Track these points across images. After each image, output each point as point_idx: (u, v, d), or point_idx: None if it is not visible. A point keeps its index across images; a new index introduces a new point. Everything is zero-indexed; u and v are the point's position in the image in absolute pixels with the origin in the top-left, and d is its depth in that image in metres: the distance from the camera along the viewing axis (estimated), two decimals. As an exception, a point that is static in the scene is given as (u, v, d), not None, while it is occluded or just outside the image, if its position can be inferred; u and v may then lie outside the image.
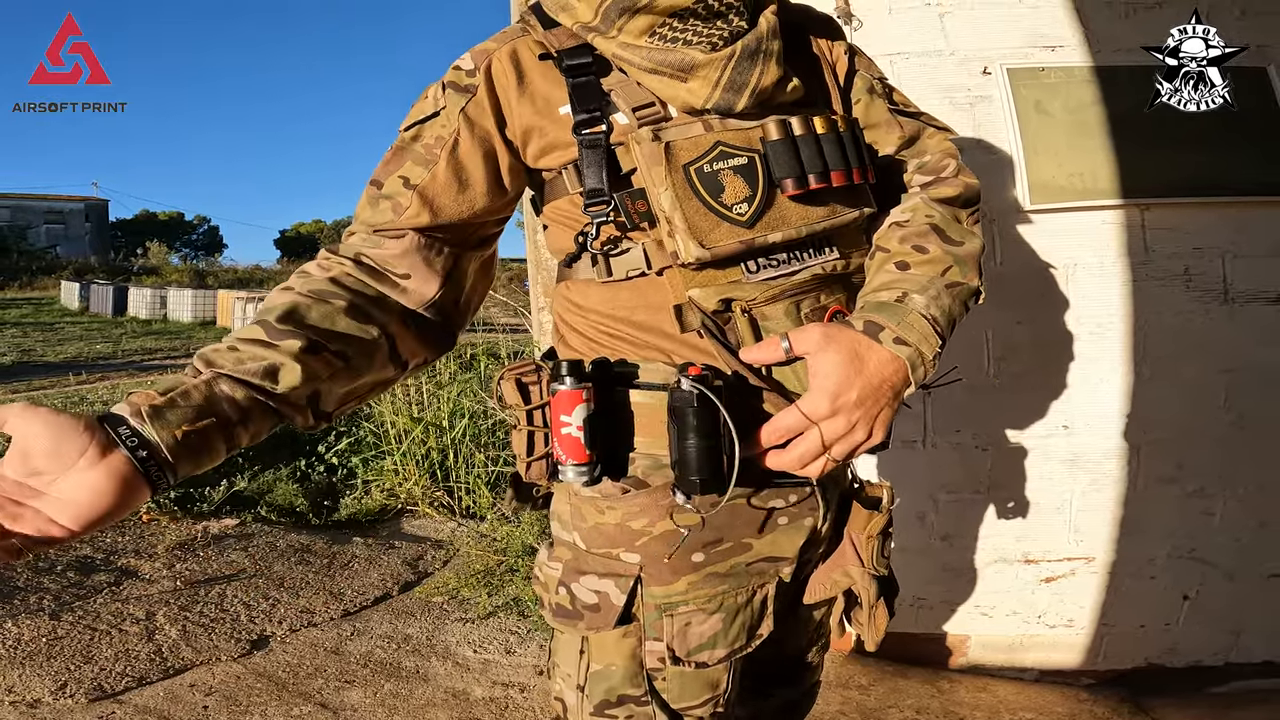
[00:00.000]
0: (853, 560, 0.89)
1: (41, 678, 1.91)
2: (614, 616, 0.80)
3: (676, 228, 0.73)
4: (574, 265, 0.83)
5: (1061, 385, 1.89)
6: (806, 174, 0.76)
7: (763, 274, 0.77)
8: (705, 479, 0.70)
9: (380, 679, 2.02)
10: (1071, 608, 1.95)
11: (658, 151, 0.74)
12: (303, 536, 3.08)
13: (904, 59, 1.87)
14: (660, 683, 0.82)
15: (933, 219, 0.84)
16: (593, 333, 0.83)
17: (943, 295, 0.78)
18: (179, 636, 2.19)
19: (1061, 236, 1.85)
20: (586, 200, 0.77)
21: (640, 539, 0.80)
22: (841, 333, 0.73)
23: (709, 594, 0.80)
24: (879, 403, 0.73)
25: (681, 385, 0.70)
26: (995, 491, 1.94)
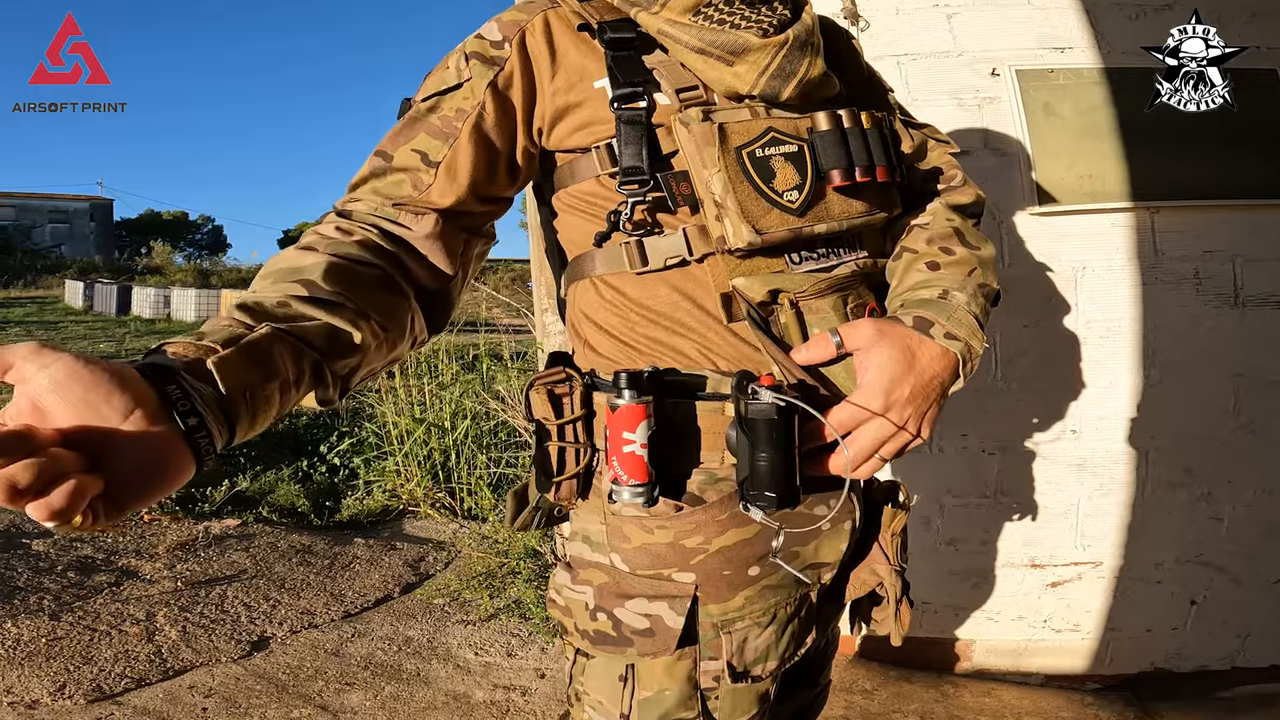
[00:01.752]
0: (879, 558, 0.88)
1: (40, 678, 1.90)
2: (673, 640, 0.76)
3: (728, 210, 0.70)
4: (601, 250, 0.78)
5: (1069, 389, 1.88)
6: (854, 166, 0.75)
7: (805, 266, 0.76)
8: (782, 494, 0.68)
9: (381, 681, 2.00)
10: (1078, 612, 1.93)
11: (710, 132, 0.71)
12: (304, 537, 3.07)
13: (911, 60, 1.86)
14: (713, 701, 0.79)
15: (953, 222, 0.85)
16: (630, 335, 0.78)
17: (977, 294, 0.77)
18: (179, 637, 2.18)
19: (1070, 239, 1.84)
20: (622, 178, 0.73)
21: (696, 557, 0.76)
22: (893, 328, 0.72)
23: (764, 607, 0.78)
24: (928, 399, 0.71)
25: (761, 396, 0.67)
26: (1002, 496, 1.93)
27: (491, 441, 3.61)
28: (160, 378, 0.51)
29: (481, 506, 3.30)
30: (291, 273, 0.67)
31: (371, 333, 0.69)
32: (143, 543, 2.95)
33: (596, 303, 0.81)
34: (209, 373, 0.54)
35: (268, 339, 0.59)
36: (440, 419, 3.56)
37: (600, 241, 0.78)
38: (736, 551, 0.77)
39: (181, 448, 0.51)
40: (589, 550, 0.81)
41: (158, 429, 0.49)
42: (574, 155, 0.78)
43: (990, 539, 1.95)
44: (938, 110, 1.83)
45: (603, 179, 0.77)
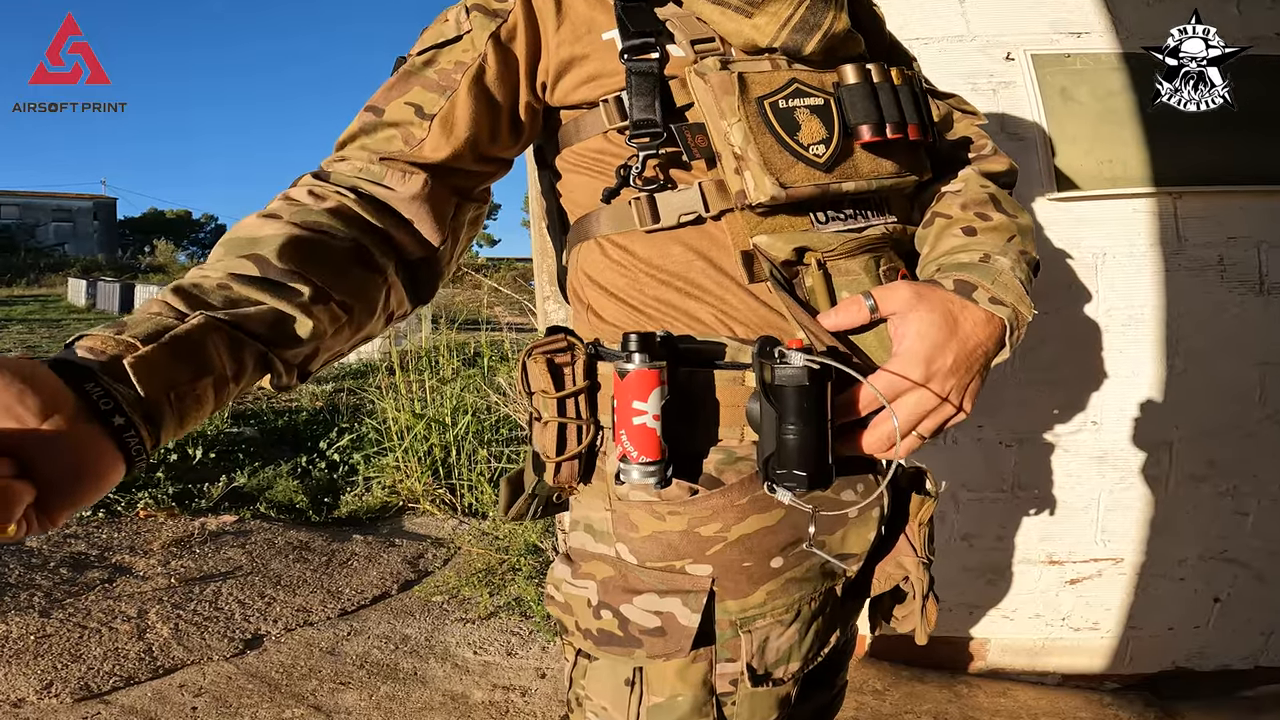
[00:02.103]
0: (905, 550, 0.81)
1: (27, 677, 1.85)
2: (687, 640, 0.68)
3: (749, 162, 0.65)
4: (597, 211, 0.73)
5: (1090, 379, 1.82)
6: (884, 122, 0.69)
7: (832, 226, 0.70)
8: (813, 472, 0.60)
9: (376, 681, 1.95)
10: (1097, 610, 1.87)
11: (729, 81, 0.66)
12: (302, 533, 3.01)
13: (923, 44, 1.81)
14: (730, 707, 0.72)
15: (988, 189, 0.79)
16: (640, 299, 0.72)
17: (1020, 260, 0.72)
18: (170, 635, 2.12)
19: (1090, 225, 1.79)
20: (633, 131, 0.68)
21: (712, 547, 0.69)
22: (933, 291, 0.66)
23: (787, 602, 0.71)
24: (972, 370, 0.65)
25: (791, 359, 0.59)
26: (1019, 490, 1.87)
27: (493, 437, 3.56)
28: (77, 376, 0.47)
29: (482, 502, 3.25)
30: (247, 244, 0.61)
31: (330, 317, 0.63)
32: (137, 539, 2.90)
33: (602, 264, 0.74)
34: (125, 373, 0.49)
35: (200, 330, 0.53)
36: (441, 414, 3.51)
37: (609, 198, 0.72)
38: (758, 540, 0.70)
39: (110, 448, 0.47)
40: (592, 541, 0.74)
41: (81, 430, 0.45)
42: (580, 111, 0.73)
43: (1007, 534, 1.89)
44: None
45: (611, 135, 0.71)
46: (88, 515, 3.11)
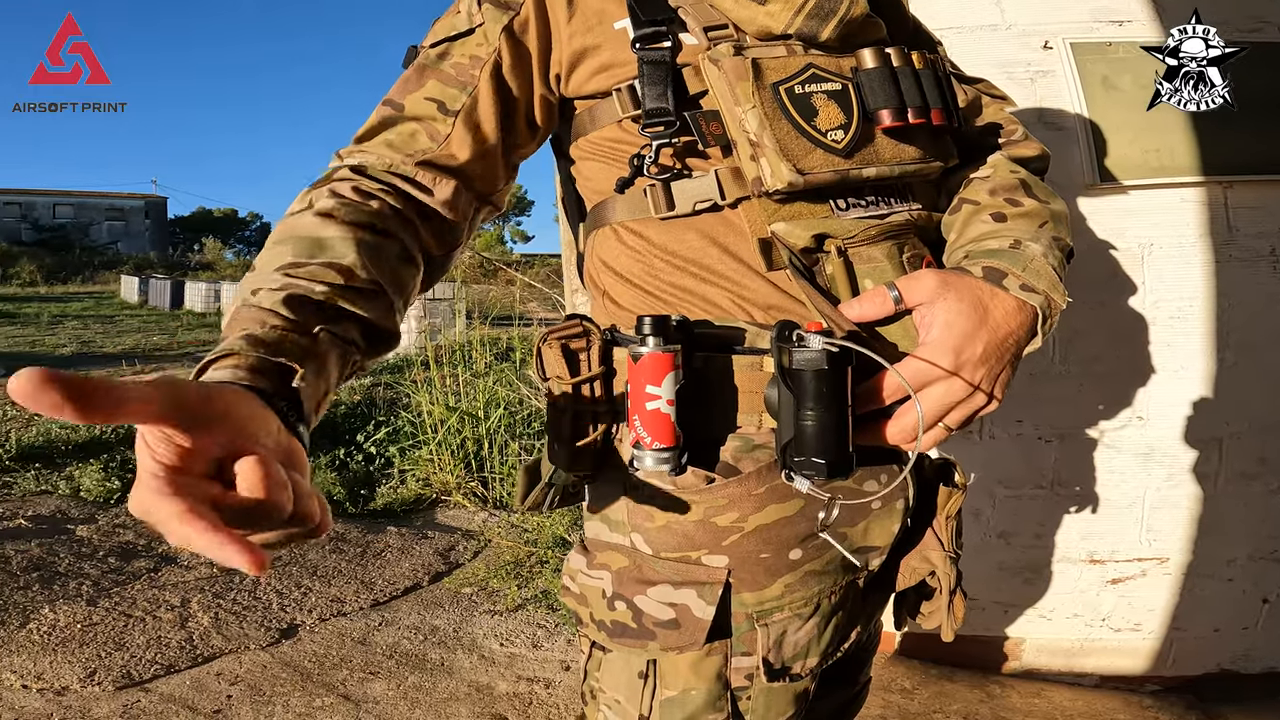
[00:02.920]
0: (932, 544, 0.79)
1: (72, 665, 1.91)
2: (702, 632, 0.67)
3: (765, 149, 0.64)
4: (612, 198, 0.72)
5: (1136, 373, 1.76)
6: (906, 106, 0.67)
7: (853, 213, 0.68)
8: (833, 460, 0.58)
9: (405, 671, 1.97)
10: (1140, 611, 1.81)
11: (743, 66, 0.65)
12: (338, 525, 3.07)
13: (956, 33, 1.77)
14: (745, 702, 0.70)
15: (1018, 174, 0.76)
16: (654, 284, 0.71)
17: (1053, 247, 0.68)
18: (210, 624, 2.18)
19: (1136, 215, 1.73)
20: (646, 120, 0.67)
21: (729, 537, 0.68)
22: (960, 279, 0.63)
23: (805, 596, 0.70)
24: (1003, 360, 0.63)
25: (809, 342, 0.57)
26: (1059, 487, 1.82)
27: (524, 430, 3.58)
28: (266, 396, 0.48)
29: (513, 495, 3.27)
30: (316, 248, 0.61)
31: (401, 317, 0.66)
32: (183, 529, 2.98)
33: (617, 250, 0.74)
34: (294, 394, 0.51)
35: (327, 346, 0.56)
36: (474, 408, 3.54)
37: (622, 188, 0.71)
38: (776, 531, 0.68)
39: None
40: (607, 530, 0.74)
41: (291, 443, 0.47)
42: (594, 101, 0.73)
43: (1045, 532, 1.84)
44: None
45: (624, 123, 0.71)
46: (136, 505, 3.21)
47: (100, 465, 3.64)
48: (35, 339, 11.07)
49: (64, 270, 27.12)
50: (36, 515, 3.07)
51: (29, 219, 35.88)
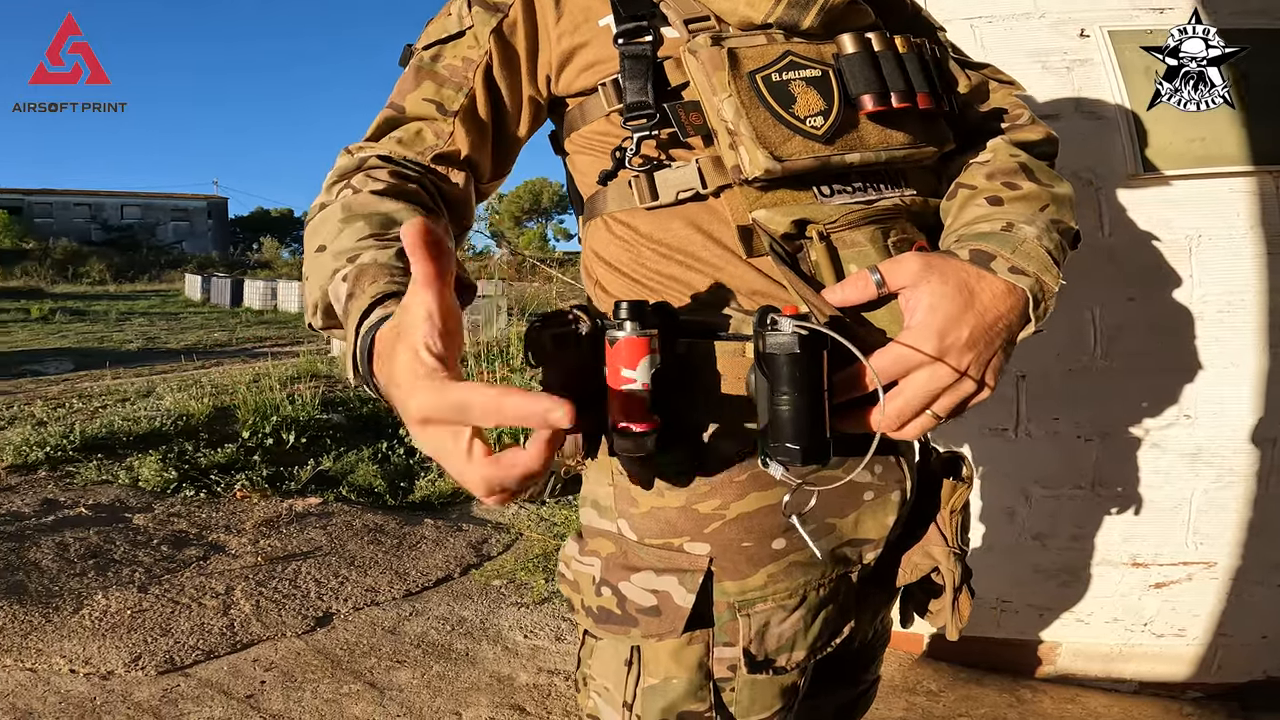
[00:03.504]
0: (935, 540, 0.78)
1: (119, 650, 2.00)
2: (681, 620, 0.67)
3: (742, 137, 0.63)
4: (604, 189, 0.73)
5: (1183, 369, 1.69)
6: (889, 91, 0.66)
7: (838, 199, 0.67)
8: (807, 446, 0.57)
9: (430, 660, 2.01)
10: (1184, 616, 1.74)
11: (719, 56, 0.65)
12: (378, 516, 3.14)
13: (987, 22, 1.72)
14: (728, 694, 0.70)
15: (1019, 158, 0.74)
16: (642, 273, 0.72)
17: (1051, 229, 0.66)
18: (251, 611, 2.25)
19: (1181, 206, 1.66)
20: (627, 114, 0.68)
21: (710, 524, 0.68)
22: (946, 261, 0.62)
23: (790, 587, 0.69)
24: (993, 345, 0.61)
25: (780, 326, 0.57)
26: (1100, 488, 1.75)
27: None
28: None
29: (546, 489, 3.30)
30: (388, 220, 0.64)
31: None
32: (233, 518, 3.09)
33: (607, 240, 0.75)
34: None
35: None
36: (510, 402, 3.58)
37: (605, 180, 0.72)
38: (758, 520, 0.68)
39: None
40: (597, 517, 0.74)
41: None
42: (583, 97, 0.74)
43: (1084, 534, 1.77)
44: (1021, 74, 1.65)
45: (612, 117, 0.71)
46: (191, 495, 3.34)
47: (159, 456, 3.79)
48: (104, 335, 11.58)
49: (132, 269, 28.29)
50: (96, 504, 3.21)
51: (98, 219, 37.56)
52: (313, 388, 5.11)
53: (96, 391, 6.05)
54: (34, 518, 3.00)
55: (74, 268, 27.08)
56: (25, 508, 3.11)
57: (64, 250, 29.16)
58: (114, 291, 23.11)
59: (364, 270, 0.58)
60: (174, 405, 4.91)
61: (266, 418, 4.24)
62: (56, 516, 3.03)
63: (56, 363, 8.75)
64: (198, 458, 3.82)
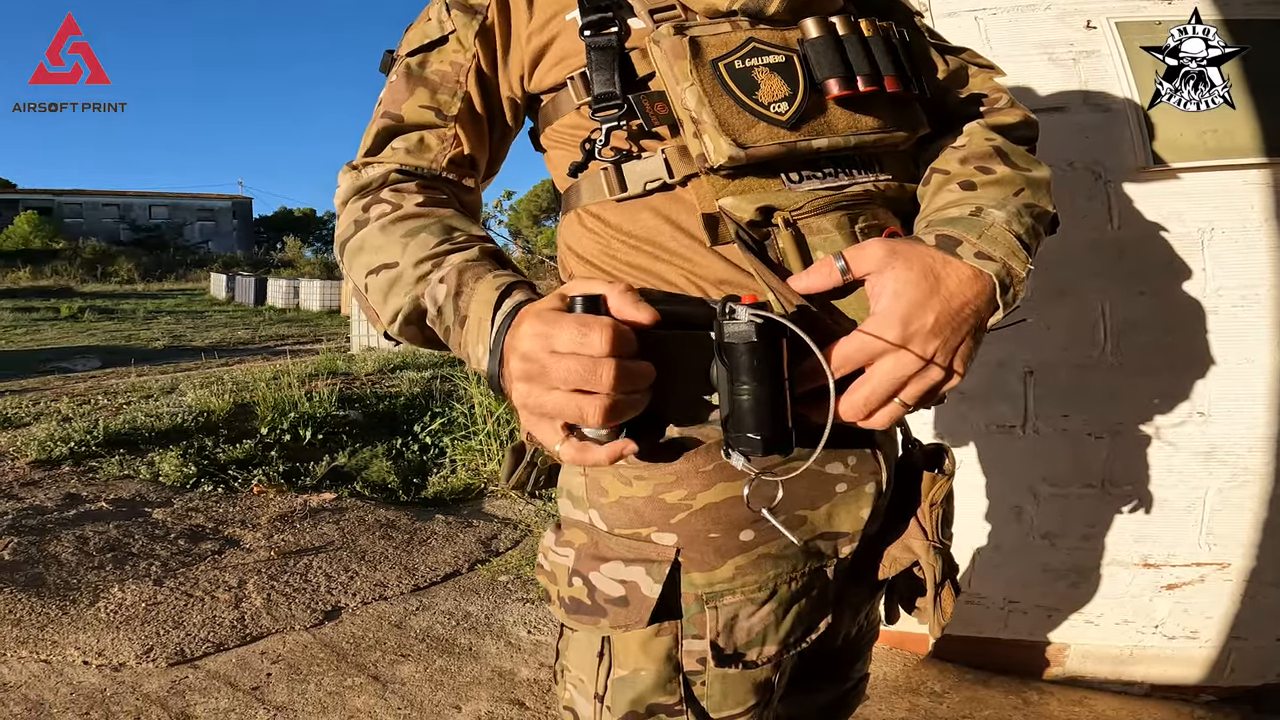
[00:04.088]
0: (914, 533, 0.77)
1: (131, 642, 2.03)
2: (647, 611, 0.67)
3: (705, 125, 0.63)
4: (578, 182, 0.73)
5: (1196, 365, 1.65)
6: (854, 74, 0.66)
7: (807, 185, 0.67)
8: (768, 436, 0.56)
9: (434, 654, 2.02)
10: (1196, 618, 1.70)
11: (681, 45, 0.65)
12: (390, 512, 3.17)
13: (990, 15, 1.70)
14: (699, 687, 0.70)
15: (994, 142, 0.73)
16: (612, 264, 0.72)
17: (1023, 213, 0.65)
18: (262, 605, 2.28)
19: (1193, 199, 1.63)
20: (595, 105, 0.68)
21: (677, 515, 0.68)
22: (911, 247, 0.61)
23: (759, 580, 0.68)
24: (960, 331, 0.60)
25: (738, 315, 0.56)
26: (1111, 486, 1.72)
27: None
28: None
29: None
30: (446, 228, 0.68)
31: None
32: (248, 513, 3.13)
33: (580, 233, 0.75)
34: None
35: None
36: (522, 399, 3.60)
37: (575, 172, 0.73)
38: (725, 510, 0.67)
39: None
40: (571, 507, 0.74)
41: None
42: (555, 92, 0.74)
43: (1094, 534, 1.75)
44: (1027, 65, 1.69)
45: (582, 110, 0.71)
46: (210, 490, 3.39)
47: (179, 451, 3.85)
48: (131, 333, 11.80)
49: (159, 268, 28.74)
50: (117, 498, 3.27)
51: (127, 219, 38.21)
52: (330, 384, 5.17)
53: (122, 388, 6.17)
54: (56, 512, 3.06)
55: (103, 267, 27.55)
56: (48, 502, 3.18)
57: (93, 250, 29.69)
58: (142, 290, 23.52)
59: (462, 270, 0.63)
60: (195, 402, 4.99)
61: (284, 414, 4.29)
62: (78, 511, 3.09)
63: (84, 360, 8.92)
64: (217, 453, 3.87)
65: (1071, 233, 1.67)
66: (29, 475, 3.56)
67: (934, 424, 1.79)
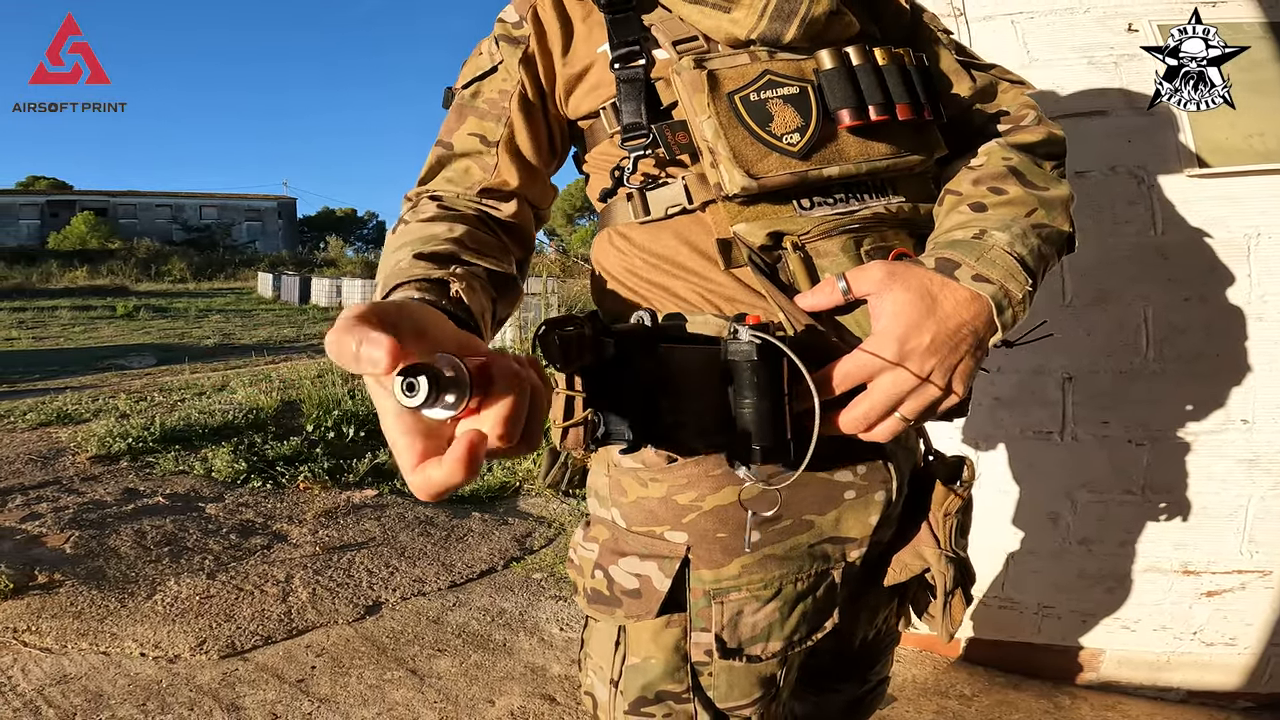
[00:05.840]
0: (926, 540, 0.80)
1: (185, 635, 2.12)
2: (656, 603, 0.72)
3: (720, 156, 0.67)
4: (610, 204, 0.78)
5: (1241, 372, 1.63)
6: (866, 104, 0.68)
7: (818, 211, 0.70)
8: (767, 446, 0.61)
9: (469, 649, 2.08)
10: (1236, 625, 1.68)
11: (699, 79, 0.68)
12: (429, 509, 3.24)
13: (1028, 18, 1.68)
14: (706, 678, 0.74)
15: (1010, 162, 0.75)
16: (633, 280, 0.77)
17: (1029, 234, 0.67)
18: (308, 599, 2.36)
19: (1239, 203, 1.60)
20: (624, 135, 0.72)
21: (688, 515, 0.72)
22: (909, 270, 0.65)
23: (764, 579, 0.72)
24: (957, 351, 0.63)
25: (740, 335, 0.61)
26: (1151, 493, 1.70)
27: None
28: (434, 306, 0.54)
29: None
30: (431, 237, 0.68)
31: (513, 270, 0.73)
32: (295, 509, 3.24)
33: (609, 251, 0.80)
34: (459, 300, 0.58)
35: (466, 276, 0.62)
36: (558, 398, 3.64)
37: (605, 197, 0.77)
38: (733, 512, 0.72)
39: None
40: (597, 505, 0.80)
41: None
42: (591, 120, 0.79)
43: (1132, 540, 1.72)
44: (1067, 70, 1.67)
45: (614, 138, 0.76)
46: (259, 486, 3.51)
47: (230, 448, 3.99)
48: (184, 331, 12.19)
49: (209, 267, 29.59)
50: (173, 493, 3.41)
51: (179, 220, 39.41)
52: (372, 383, 5.28)
53: (176, 385, 6.39)
54: (115, 506, 3.20)
55: (156, 266, 28.47)
56: (107, 496, 3.32)
57: (147, 249, 30.73)
58: (193, 289, 24.26)
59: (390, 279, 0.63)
60: (245, 399, 5.16)
61: (329, 411, 4.41)
62: (136, 505, 3.22)
63: (139, 357, 9.26)
64: (265, 450, 4.00)
65: (1113, 238, 1.65)
66: (89, 470, 3.73)
67: (966, 429, 1.79)
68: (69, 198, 37.32)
